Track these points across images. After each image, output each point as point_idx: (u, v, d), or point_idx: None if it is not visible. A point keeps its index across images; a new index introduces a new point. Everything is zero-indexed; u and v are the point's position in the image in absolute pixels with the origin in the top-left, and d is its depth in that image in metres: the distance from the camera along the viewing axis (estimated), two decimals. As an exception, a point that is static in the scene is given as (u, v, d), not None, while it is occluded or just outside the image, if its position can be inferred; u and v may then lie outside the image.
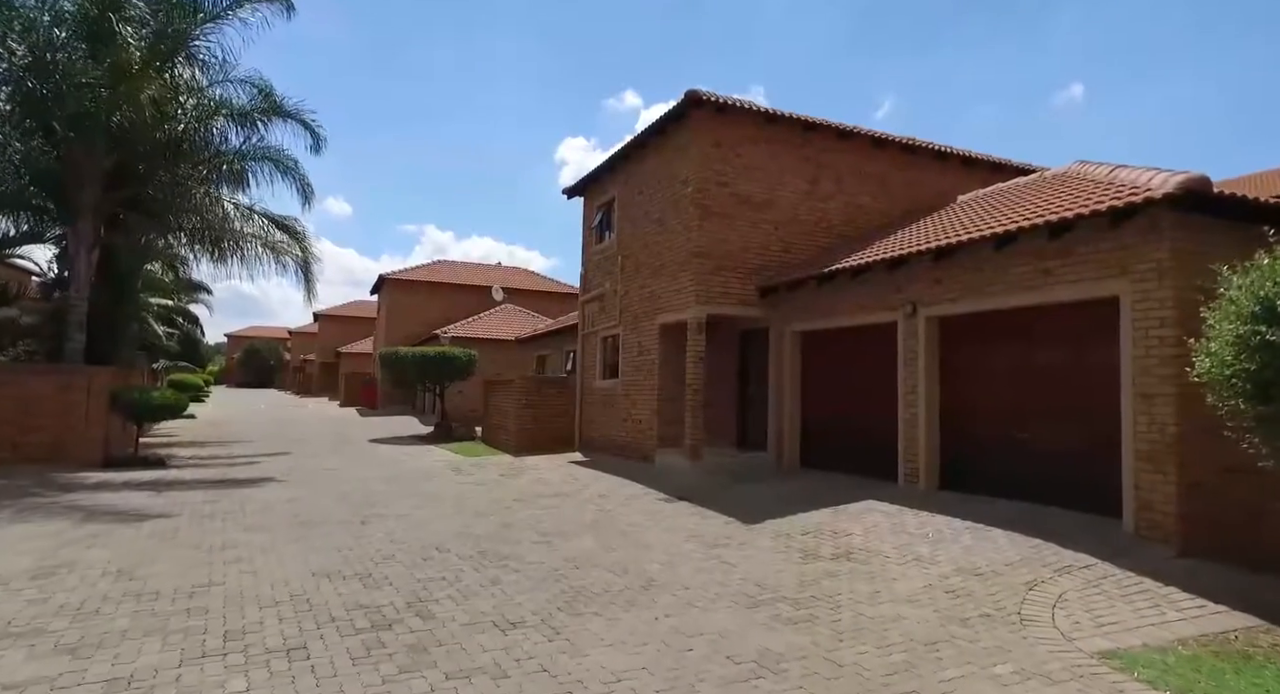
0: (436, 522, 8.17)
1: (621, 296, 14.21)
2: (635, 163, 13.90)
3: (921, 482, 8.95)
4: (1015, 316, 8.07)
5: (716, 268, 11.69)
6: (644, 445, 12.81)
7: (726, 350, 13.11)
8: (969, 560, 6.23)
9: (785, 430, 11.59)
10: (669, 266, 12.39)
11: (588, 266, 16.15)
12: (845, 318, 10.49)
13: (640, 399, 13.10)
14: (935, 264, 8.86)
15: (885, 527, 7.48)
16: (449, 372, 19.44)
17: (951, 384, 8.92)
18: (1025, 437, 7.88)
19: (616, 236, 14.66)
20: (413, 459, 14.31)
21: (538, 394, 15.75)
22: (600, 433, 14.69)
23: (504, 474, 12.16)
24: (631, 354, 13.61)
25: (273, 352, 69.50)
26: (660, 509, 8.88)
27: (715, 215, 11.72)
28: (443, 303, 33.59)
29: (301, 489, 10.28)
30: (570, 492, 10.29)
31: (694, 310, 11.48)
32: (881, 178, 13.12)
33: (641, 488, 10.34)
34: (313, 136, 13.76)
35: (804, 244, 12.35)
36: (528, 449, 15.42)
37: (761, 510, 8.52)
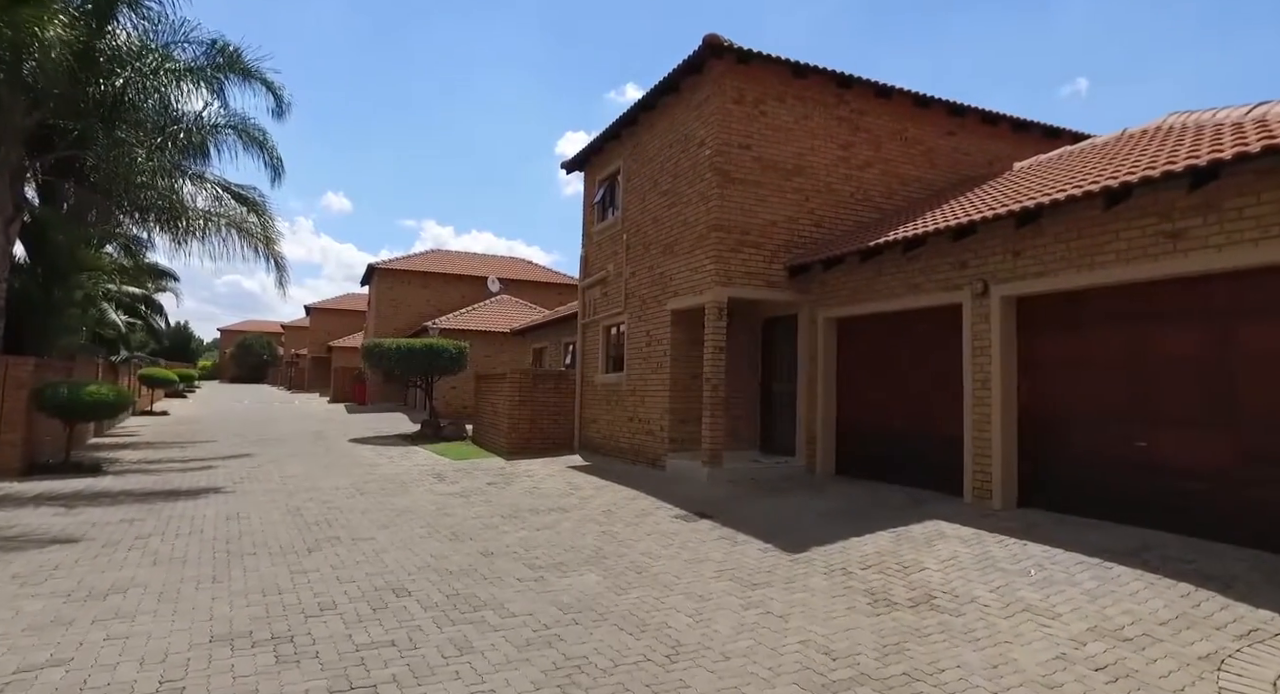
0: (402, 549, 6.57)
1: (627, 280, 12.59)
2: (644, 128, 12.26)
3: (996, 497, 7.34)
4: (1127, 293, 6.44)
5: (738, 243, 10.07)
6: (653, 449, 11.21)
7: (746, 340, 11.50)
8: (1102, 614, 4.63)
9: (818, 433, 9.98)
10: (683, 243, 10.77)
11: (589, 248, 14.52)
12: (893, 301, 8.87)
13: (649, 396, 11.49)
14: (1016, 232, 7.24)
15: (967, 559, 5.88)
16: (437, 365, 17.83)
17: (1034, 379, 7.31)
18: (1142, 445, 6.26)
19: (621, 213, 13.03)
20: (391, 463, 12.71)
21: (532, 390, 14.14)
22: (602, 434, 13.09)
23: (493, 482, 10.56)
24: (639, 345, 12.00)
25: (266, 346, 67.86)
26: (678, 531, 7.28)
27: (737, 182, 10.10)
28: (436, 294, 31.97)
29: (249, 503, 8.68)
30: (569, 505, 8.69)
31: (713, 293, 9.86)
32: (924, 144, 11.48)
33: (653, 501, 8.74)
34: (275, 99, 12.12)
35: (837, 218, 10.73)
36: (521, 451, 13.82)
37: (803, 533, 6.92)
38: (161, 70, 10.60)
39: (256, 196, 12.03)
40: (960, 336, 7.88)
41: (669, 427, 10.83)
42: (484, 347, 26.70)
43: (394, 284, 31.57)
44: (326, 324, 48.29)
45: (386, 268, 31.51)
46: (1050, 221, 6.90)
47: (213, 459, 12.59)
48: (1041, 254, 7.01)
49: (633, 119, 12.28)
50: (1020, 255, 7.23)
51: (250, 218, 12.08)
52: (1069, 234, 6.74)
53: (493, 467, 12.23)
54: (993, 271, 7.53)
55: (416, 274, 32.01)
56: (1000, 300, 7.42)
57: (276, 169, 13.04)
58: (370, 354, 17.63)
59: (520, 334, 22.75)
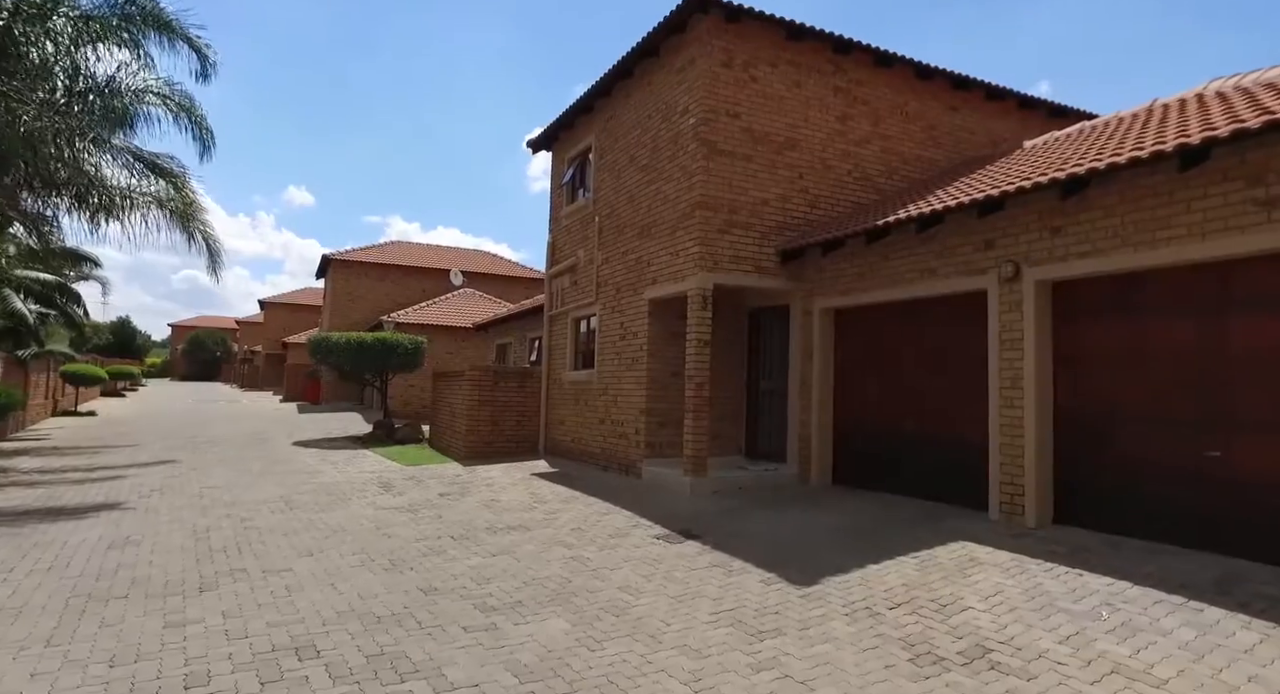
0: (323, 585, 5.32)
1: (599, 267, 11.40)
2: (619, 98, 11.08)
3: (1029, 513, 6.32)
4: (1199, 275, 5.44)
5: (726, 224, 8.94)
6: (628, 454, 10.04)
7: (730, 334, 10.39)
8: (1219, 680, 3.59)
9: (813, 437, 8.91)
10: (662, 224, 9.62)
11: (557, 233, 13.29)
12: (901, 288, 7.82)
13: (623, 395, 10.32)
14: (1057, 205, 6.22)
15: (1016, 595, 4.82)
16: (392, 362, 16.43)
17: (1074, 376, 6.30)
18: (1215, 454, 5.27)
19: (593, 193, 11.83)
20: (335, 469, 11.36)
21: (494, 389, 12.87)
22: (571, 436, 11.89)
23: (446, 492, 9.30)
24: (612, 338, 10.82)
25: (220, 343, 65.20)
26: (660, 556, 6.13)
27: (724, 155, 8.97)
28: (396, 287, 30.40)
29: (148, 523, 7.32)
30: (532, 522, 7.49)
31: (696, 279, 8.72)
32: (926, 119, 10.49)
33: (628, 517, 7.58)
34: (200, 59, 10.67)
35: (834, 198, 9.67)
36: (481, 456, 12.55)
37: (810, 559, 5.82)
38: (55, 14, 9.10)
39: (176, 167, 10.54)
40: (984, 328, 6.86)
41: (646, 430, 9.67)
42: (445, 342, 25.29)
43: (351, 277, 29.92)
44: (282, 319, 46.25)
45: (343, 259, 29.84)
46: (1101, 192, 5.89)
47: (125, 467, 11.09)
48: (1088, 230, 5.99)
49: (606, 89, 11.09)
50: (1060, 233, 6.21)
51: (171, 192, 10.58)
52: (1124, 206, 5.72)
53: (448, 474, 10.95)
54: (1025, 252, 6.50)
55: (375, 266, 30.39)
56: (1035, 285, 6.40)
57: (206, 142, 11.59)
58: (317, 349, 16.16)
59: (483, 329, 21.41)
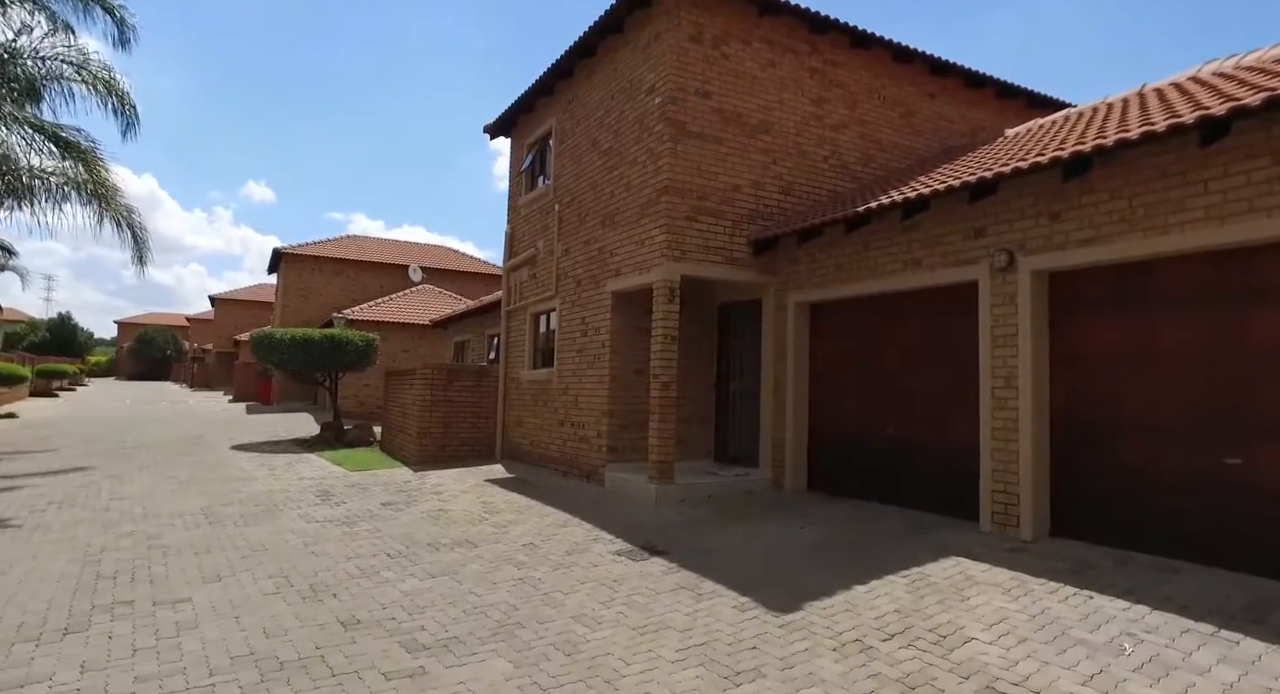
0: (225, 619, 4.54)
1: (559, 258, 10.69)
2: (581, 79, 10.37)
3: (1025, 525, 5.78)
4: (1216, 263, 4.94)
5: (694, 211, 8.30)
6: (589, 459, 9.35)
7: (699, 330, 9.77)
8: (1277, 731, 3.04)
9: (787, 440, 8.32)
10: (626, 212, 8.95)
11: (515, 223, 12.54)
12: (883, 280, 7.26)
13: (584, 396, 9.63)
14: (1057, 188, 5.69)
15: (1024, 623, 4.25)
16: (341, 360, 15.49)
17: (1074, 375, 5.78)
18: (1235, 462, 4.77)
19: (554, 180, 11.12)
20: (271, 476, 10.46)
21: (447, 388, 12.07)
22: (530, 440, 11.16)
23: (390, 502, 8.51)
24: (572, 335, 10.12)
25: (170, 341, 62.75)
26: (622, 576, 5.46)
27: (693, 137, 8.33)
28: (351, 283, 29.25)
29: (31, 544, 6.41)
30: (481, 536, 6.76)
31: (663, 269, 8.07)
32: (904, 105, 9.98)
33: (588, 529, 6.89)
34: (117, 25, 9.73)
35: (809, 185, 9.10)
36: (433, 460, 11.75)
37: (788, 579, 5.20)
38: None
39: (84, 140, 9.54)
40: (974, 323, 6.32)
41: (608, 432, 8.99)
42: (402, 340, 24.32)
43: (303, 271, 28.68)
44: (234, 316, 44.54)
45: (295, 253, 28.58)
46: (1105, 174, 5.37)
47: (28, 476, 10.04)
48: (1091, 215, 5.46)
49: (567, 69, 10.38)
50: (1060, 218, 5.68)
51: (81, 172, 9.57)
52: (1132, 188, 5.21)
53: (395, 480, 10.14)
54: (1021, 240, 5.97)
55: (329, 261, 29.18)
56: (1031, 276, 5.87)
57: (129, 119, 10.60)
58: (260, 346, 15.15)
59: (440, 326, 20.52)
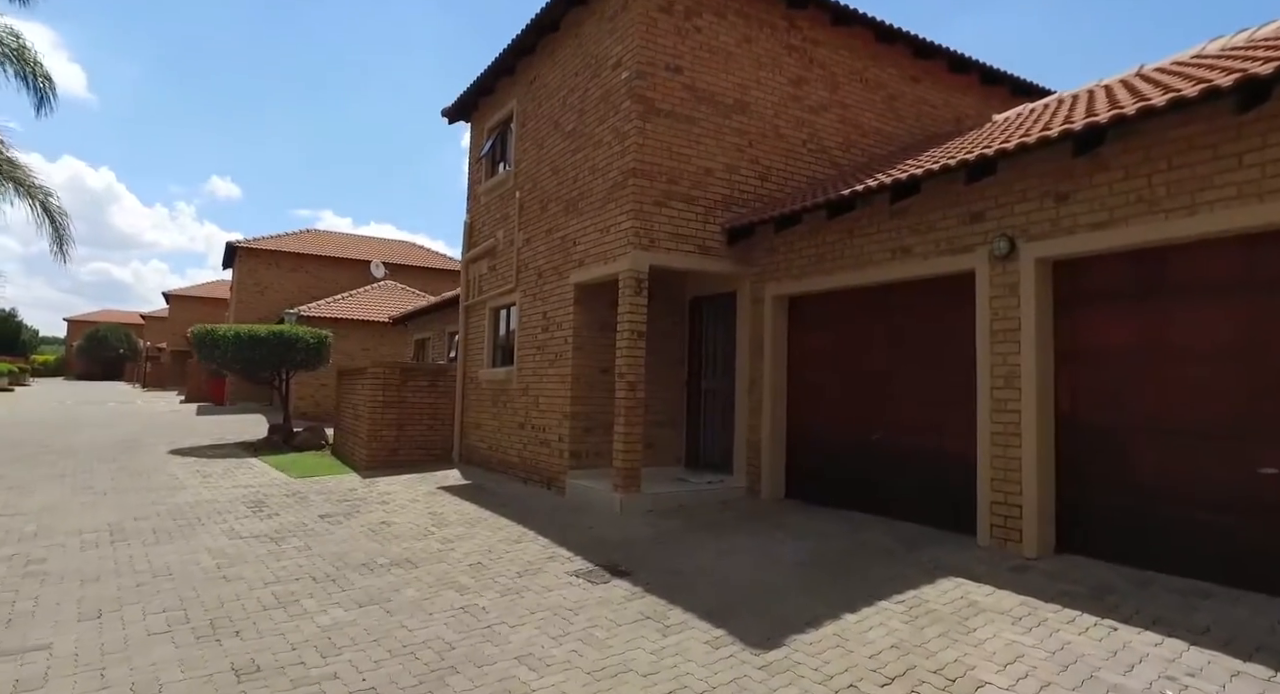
0: (84, 673, 3.76)
1: (520, 249, 9.96)
2: (543, 56, 9.66)
3: (1028, 540, 5.21)
4: (1250, 249, 4.39)
5: (664, 196, 7.65)
6: (550, 465, 8.65)
7: (669, 325, 9.12)
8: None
9: (763, 445, 7.70)
10: (591, 197, 8.26)
11: (474, 212, 11.78)
12: (869, 271, 6.67)
13: (545, 396, 8.92)
14: (1065, 165, 5.13)
15: (1040, 659, 3.65)
16: (291, 358, 14.55)
17: (1082, 375, 5.22)
18: (1270, 472, 4.22)
19: (515, 165, 10.39)
20: (204, 484, 9.58)
21: (401, 388, 11.27)
22: (489, 443, 10.42)
23: (329, 513, 7.72)
24: (533, 331, 9.40)
25: (123, 339, 60.54)
26: (579, 603, 4.77)
27: (663, 115, 7.68)
28: (310, 279, 28.14)
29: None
30: (423, 554, 6.02)
31: (630, 259, 7.40)
32: (887, 89, 9.43)
33: (544, 545, 6.20)
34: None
35: (787, 170, 8.49)
36: (385, 465, 10.95)
37: (769, 606, 4.56)
38: None
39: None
40: (971, 317, 5.74)
41: (570, 436, 8.30)
42: (361, 338, 23.35)
43: (258, 266, 27.50)
44: (190, 314, 42.88)
45: (250, 247, 27.39)
46: (1121, 149, 4.81)
47: (-70, 484, 9.05)
48: (1104, 196, 4.91)
49: (530, 46, 9.66)
50: (1068, 200, 5.12)
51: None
52: (1153, 164, 4.66)
53: (340, 488, 9.33)
54: (1023, 225, 5.41)
55: (287, 255, 28.03)
56: (1035, 265, 5.30)
57: (43, 92, 9.66)
58: (201, 344, 14.16)
59: (400, 323, 19.63)
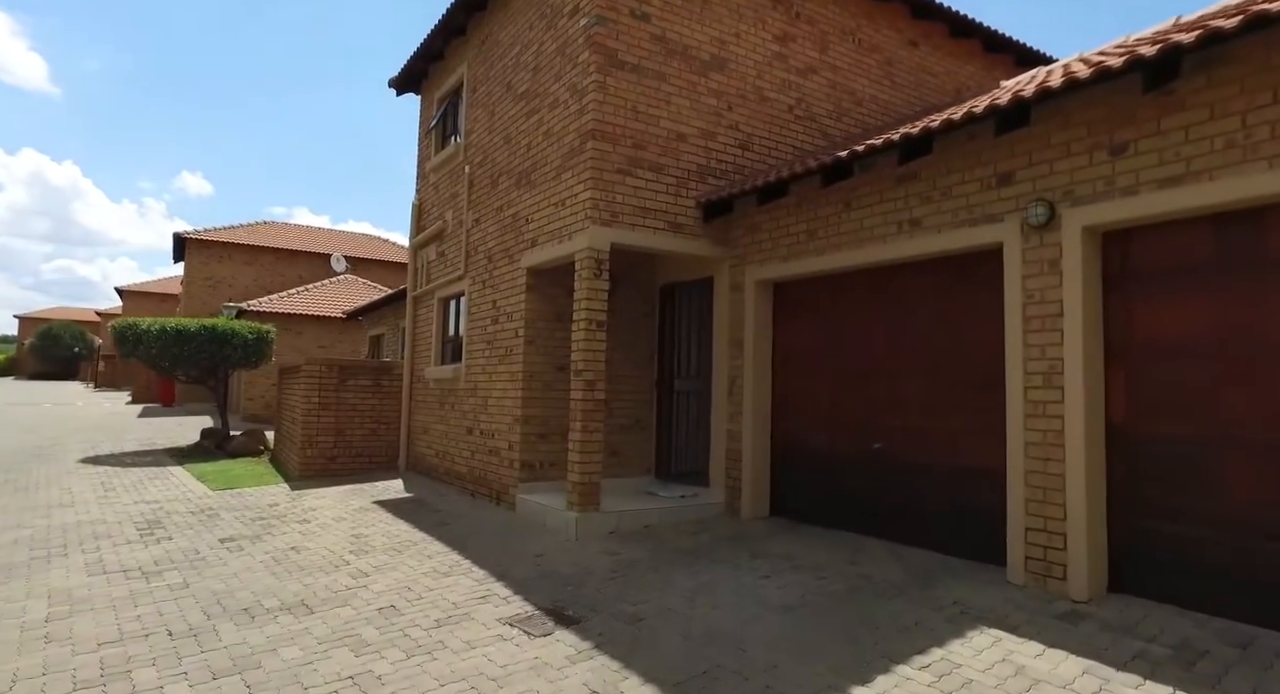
0: None
1: (469, 230, 8.80)
2: (495, 11, 8.52)
3: (1074, 577, 4.17)
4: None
5: (629, 163, 6.54)
6: (499, 477, 7.51)
7: (636, 316, 8.02)
8: None
9: (745, 454, 6.62)
10: (545, 166, 7.13)
11: (424, 192, 10.60)
12: (871, 248, 5.61)
13: (494, 397, 7.78)
14: (1125, 108, 4.10)
15: (1137, 768, 2.60)
16: (226, 356, 13.23)
17: (1141, 372, 4.20)
18: None
19: (465, 136, 9.23)
20: (101, 501, 8.31)
21: (339, 388, 10.06)
22: (436, 451, 9.25)
23: (233, 537, 6.52)
24: (482, 322, 8.26)
25: (78, 337, 58.14)
26: (508, 669, 3.65)
27: (628, 69, 6.57)
28: (266, 273, 26.68)
29: None
30: (327, 595, 4.86)
31: (588, 236, 6.28)
32: (882, 53, 8.41)
33: (478, 579, 5.07)
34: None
35: (772, 139, 7.43)
36: (321, 475, 9.75)
37: (755, 673, 3.47)
38: None
39: None
40: (997, 301, 4.71)
41: (521, 444, 7.16)
42: (317, 335, 22.00)
43: (210, 259, 25.97)
44: (145, 310, 40.91)
45: (201, 239, 25.83)
46: (1204, 83, 3.79)
47: None
48: (1177, 144, 3.88)
49: (481, 1, 8.52)
50: (1127, 152, 4.09)
51: None
52: (1250, 97, 3.63)
53: (260, 502, 8.11)
54: (1065, 186, 4.37)
55: (242, 248, 26.51)
56: (1081, 234, 4.27)
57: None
58: (122, 339, 12.79)
59: (356, 318, 18.33)
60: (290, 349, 20.92)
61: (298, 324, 21.89)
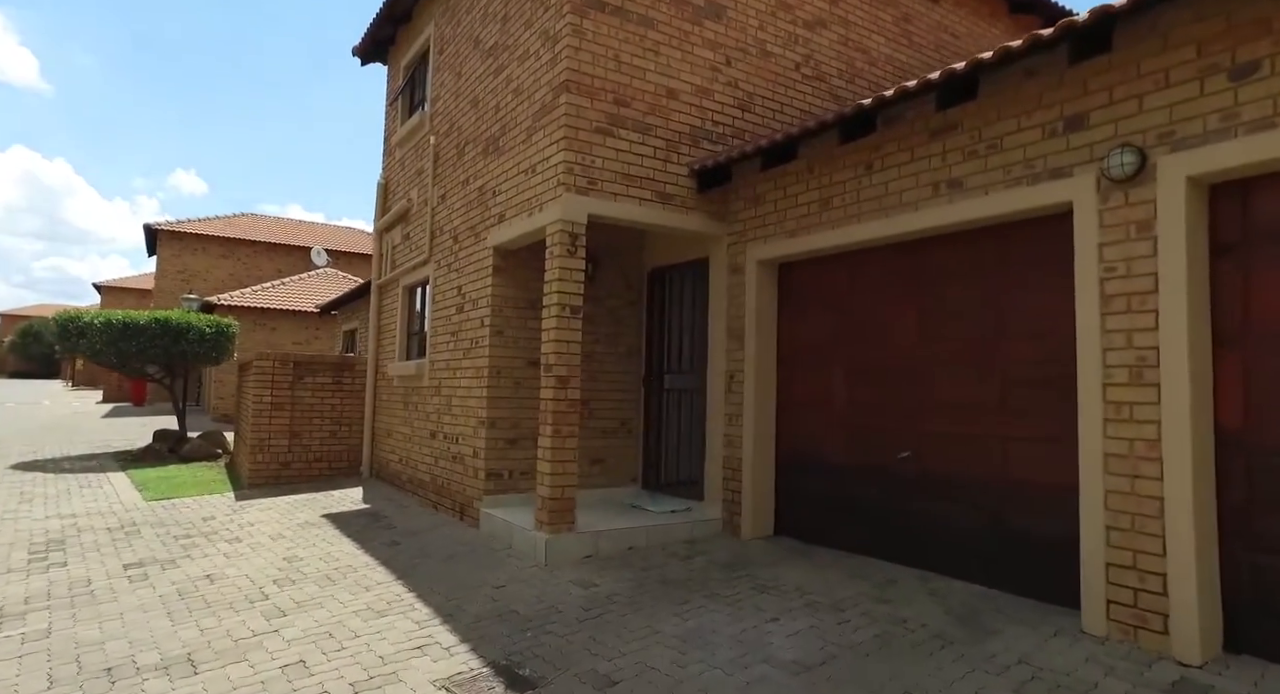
0: None
1: (434, 208, 7.82)
2: (460, -43, 7.52)
3: (1181, 632, 3.21)
4: None
5: (610, 121, 5.56)
6: (463, 487, 6.53)
7: (621, 304, 7.05)
8: None
9: (746, 462, 5.65)
10: (514, 129, 6.15)
11: (389, 169, 9.60)
12: (898, 217, 4.64)
13: (459, 396, 6.80)
14: (1251, 18, 3.14)
15: None
16: (183, 351, 12.18)
17: (1266, 358, 3.24)
18: None
19: (431, 103, 8.25)
20: (8, 515, 7.29)
21: (293, 386, 9.06)
22: (399, 456, 8.27)
23: (143, 561, 5.52)
24: (447, 311, 7.27)
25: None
26: (428, 768, 2.68)
27: (609, 12, 5.59)
28: (243, 266, 25.62)
29: None
30: (223, 645, 3.88)
31: (561, 206, 5.29)
32: (900, 8, 7.45)
33: (419, 621, 4.09)
34: None
35: (775, 99, 6.46)
36: (273, 482, 8.77)
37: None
38: None
39: None
40: (1063, 277, 3.75)
41: (487, 450, 6.18)
42: (294, 330, 20.99)
43: (183, 251, 24.90)
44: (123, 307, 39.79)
45: (173, 230, 24.74)
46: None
47: None
48: (1329, 58, 2.92)
49: (447, -51, 7.54)
50: (1253, 75, 3.13)
51: None
52: None
53: (194, 516, 7.12)
54: (1163, 126, 3.41)
55: (217, 240, 25.44)
56: (1185, 187, 3.31)
57: None
58: (65, 333, 11.77)
59: (330, 312, 17.31)
60: (264, 345, 19.90)
61: (272, 319, 20.87)
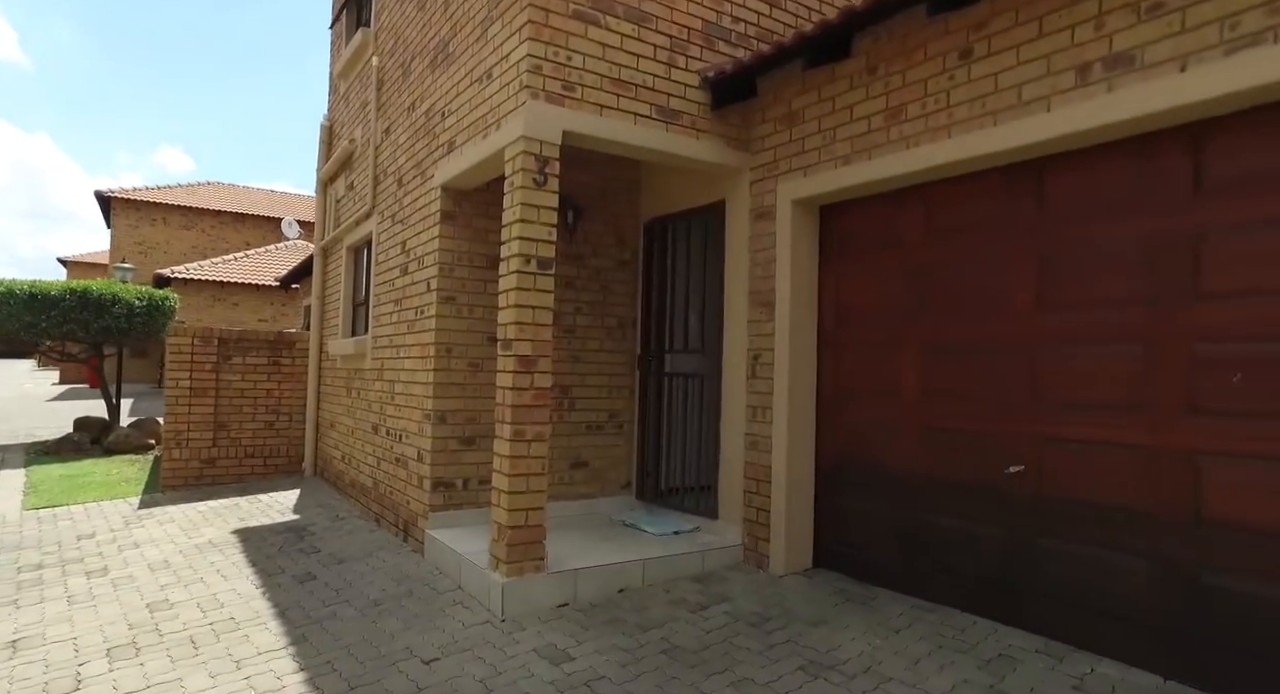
0: None
1: (378, 146, 6.28)
2: None
3: None
4: None
5: (591, 3, 4.02)
6: (406, 499, 5.07)
7: (610, 262, 5.55)
8: None
9: (776, 468, 4.20)
10: (467, 24, 4.60)
11: (334, 110, 8.04)
12: (1012, 127, 3.15)
13: (403, 381, 5.31)
14: None
15: None
16: (106, 326, 10.60)
17: None
18: None
19: (375, 15, 6.67)
20: None
21: (217, 368, 7.55)
22: (343, 453, 6.80)
23: (-36, 604, 4.04)
24: (391, 273, 5.76)
25: (30, 311, 54.75)
26: None
27: None
28: (207, 238, 23.88)
29: None
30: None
31: (524, 117, 3.77)
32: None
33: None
34: None
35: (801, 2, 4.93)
36: (191, 482, 7.31)
37: None
38: None
39: None
40: None
41: (434, 453, 4.71)
42: (257, 305, 19.42)
43: (141, 222, 23.10)
44: (90, 282, 37.98)
45: (129, 198, 22.91)
46: None
47: None
48: None
49: None
50: None
51: None
52: None
53: (72, 533, 5.64)
54: None
55: (178, 210, 23.64)
56: None
57: None
58: (-34, 305, 10.17)
59: (289, 285, 15.72)
60: (224, 321, 18.35)
61: (234, 294, 19.28)
